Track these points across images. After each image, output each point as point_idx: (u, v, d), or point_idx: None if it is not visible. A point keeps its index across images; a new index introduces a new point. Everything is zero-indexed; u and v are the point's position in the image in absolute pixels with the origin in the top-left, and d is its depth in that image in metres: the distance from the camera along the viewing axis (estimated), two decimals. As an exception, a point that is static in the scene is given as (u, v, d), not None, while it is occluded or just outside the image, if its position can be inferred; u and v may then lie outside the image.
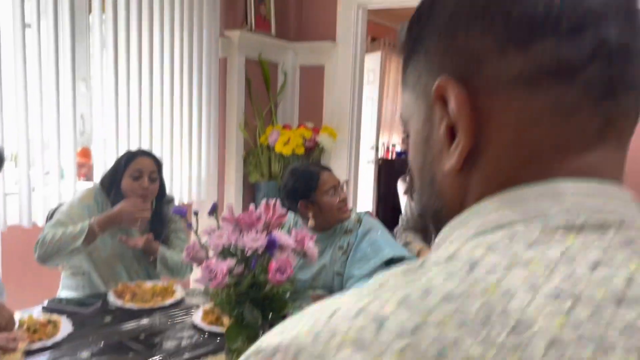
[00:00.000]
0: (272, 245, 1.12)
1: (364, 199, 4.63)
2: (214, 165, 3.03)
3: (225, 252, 1.19)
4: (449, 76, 0.38)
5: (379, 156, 5.04)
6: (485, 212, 0.36)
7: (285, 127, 3.13)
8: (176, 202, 2.86)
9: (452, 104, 0.37)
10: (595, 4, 0.35)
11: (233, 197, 3.08)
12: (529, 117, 0.35)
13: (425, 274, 0.33)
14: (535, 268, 0.31)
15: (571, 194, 0.34)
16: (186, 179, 2.88)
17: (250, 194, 3.16)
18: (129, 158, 1.85)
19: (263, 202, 1.26)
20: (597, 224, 0.33)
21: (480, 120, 0.37)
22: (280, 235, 1.18)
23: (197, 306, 1.69)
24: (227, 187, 3.09)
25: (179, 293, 1.76)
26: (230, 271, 1.14)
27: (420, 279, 0.32)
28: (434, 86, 0.38)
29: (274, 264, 1.09)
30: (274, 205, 1.25)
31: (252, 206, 1.22)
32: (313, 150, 3.12)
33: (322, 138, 3.12)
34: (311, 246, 1.22)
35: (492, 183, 0.37)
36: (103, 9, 2.38)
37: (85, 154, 2.61)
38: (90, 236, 1.71)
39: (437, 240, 0.39)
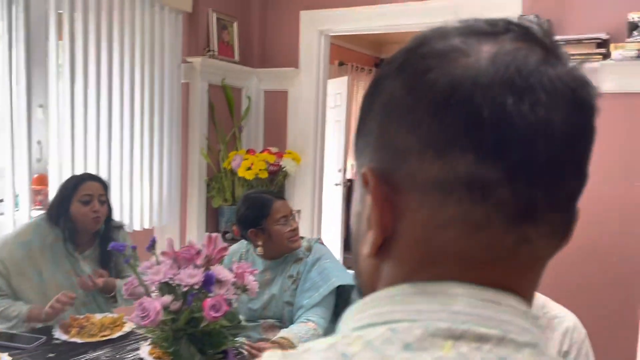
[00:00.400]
0: (208, 281, 1.12)
1: (331, 222, 4.64)
2: (176, 190, 3.01)
3: (163, 288, 1.18)
4: (376, 165, 0.37)
5: (347, 177, 5.08)
6: (381, 303, 0.36)
7: (249, 151, 3.14)
8: (137, 228, 2.84)
9: (367, 197, 0.38)
10: (526, 123, 0.33)
11: (195, 222, 3.06)
12: (438, 221, 0.35)
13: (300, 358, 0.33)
14: None
15: (463, 299, 0.34)
16: (147, 204, 2.85)
17: (214, 219, 3.15)
18: (77, 183, 1.84)
19: (206, 235, 1.27)
20: (477, 335, 0.32)
21: (396, 213, 0.37)
22: (220, 270, 1.18)
23: (146, 339, 1.66)
24: (190, 212, 3.07)
25: (128, 325, 1.73)
26: (166, 307, 1.13)
27: None
28: (360, 172, 0.38)
29: (208, 301, 1.09)
30: (215, 239, 1.25)
31: (192, 240, 1.22)
32: (277, 174, 3.13)
33: (286, 162, 3.13)
34: (251, 280, 1.23)
35: (399, 275, 0.37)
36: (60, 36, 2.38)
37: (42, 180, 2.56)
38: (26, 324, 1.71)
39: (340, 322, 0.40)
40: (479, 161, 0.34)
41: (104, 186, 1.89)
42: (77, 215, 1.81)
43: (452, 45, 0.36)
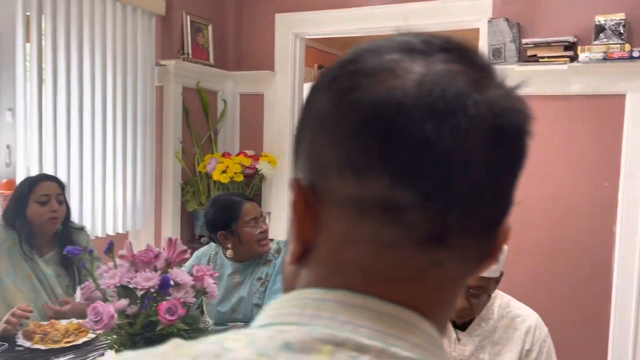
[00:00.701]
0: (165, 285, 1.11)
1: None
2: (150, 194, 2.98)
3: (121, 292, 1.17)
4: (303, 176, 0.38)
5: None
6: (283, 305, 0.37)
7: (224, 155, 3.12)
8: (110, 232, 2.80)
9: (291, 210, 0.38)
10: (444, 149, 0.33)
11: (170, 226, 3.03)
12: (351, 237, 0.36)
13: (188, 348, 0.34)
14: None
15: (356, 310, 0.34)
16: (120, 209, 2.82)
17: (189, 222, 3.13)
18: (33, 184, 1.82)
19: (166, 238, 1.26)
20: (357, 344, 0.33)
21: (317, 225, 0.37)
22: (178, 273, 1.17)
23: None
24: (165, 216, 3.04)
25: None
26: (123, 311, 1.12)
27: (168, 354, 0.34)
28: (290, 181, 0.39)
29: (163, 305, 1.08)
30: (175, 242, 1.24)
31: (150, 244, 1.20)
32: (252, 177, 3.12)
33: (262, 165, 3.12)
34: (211, 283, 1.22)
35: (311, 281, 0.38)
36: (28, 38, 2.34)
37: (11, 185, 2.52)
38: None
39: None
40: (394, 184, 0.34)
41: (61, 186, 1.87)
42: (35, 216, 1.78)
43: (381, 64, 0.35)
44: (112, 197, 2.77)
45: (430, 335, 0.36)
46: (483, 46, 2.59)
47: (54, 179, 1.89)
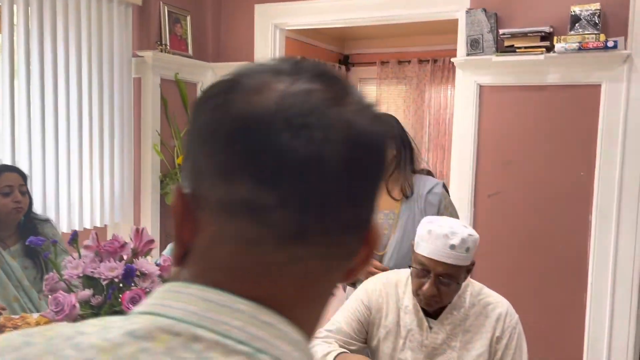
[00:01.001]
0: (129, 274, 1.10)
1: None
2: (128, 187, 2.95)
3: (85, 282, 1.15)
4: (185, 183, 0.41)
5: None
6: (153, 296, 0.40)
7: (204, 147, 3.10)
8: (87, 226, 2.77)
9: (172, 215, 0.42)
10: (298, 157, 0.37)
11: (149, 219, 3.00)
12: (221, 237, 0.39)
13: (53, 330, 0.37)
14: (102, 357, 0.34)
15: (205, 302, 0.37)
16: (98, 202, 2.79)
17: (168, 216, 3.10)
18: None
19: (133, 228, 1.24)
20: (192, 335, 0.35)
21: (196, 228, 0.40)
22: (143, 263, 1.16)
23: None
24: (144, 210, 3.02)
25: (65, 324, 1.69)
26: (87, 302, 1.10)
27: (34, 334, 0.37)
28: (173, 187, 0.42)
29: (127, 294, 1.06)
30: (142, 232, 1.23)
31: (116, 234, 1.19)
32: (233, 170, 3.10)
33: (243, 158, 3.11)
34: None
35: (186, 279, 0.40)
36: (-1, 28, 2.30)
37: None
38: None
39: None
40: (256, 187, 0.38)
41: (23, 177, 1.86)
42: None
43: (251, 84, 0.39)
44: (90, 190, 2.74)
45: (279, 329, 0.38)
46: (461, 37, 2.60)
47: (15, 169, 1.88)
